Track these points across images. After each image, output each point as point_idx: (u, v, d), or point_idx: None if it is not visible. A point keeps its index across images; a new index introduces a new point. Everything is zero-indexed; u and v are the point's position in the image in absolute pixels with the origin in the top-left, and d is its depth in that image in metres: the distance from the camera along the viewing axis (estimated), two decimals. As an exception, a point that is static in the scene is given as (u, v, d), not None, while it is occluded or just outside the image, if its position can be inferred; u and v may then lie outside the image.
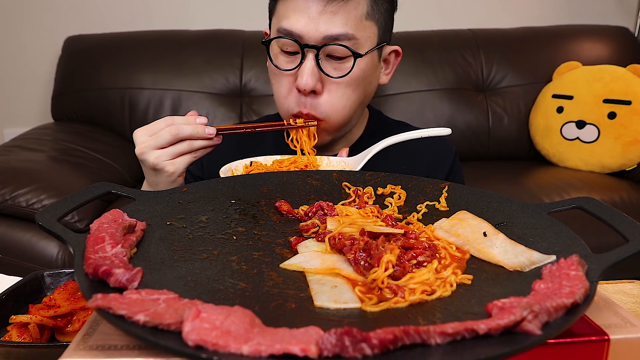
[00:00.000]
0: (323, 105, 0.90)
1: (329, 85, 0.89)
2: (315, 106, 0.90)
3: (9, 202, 1.52)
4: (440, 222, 0.59)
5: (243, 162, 0.85)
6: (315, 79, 0.87)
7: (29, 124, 2.29)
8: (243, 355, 0.34)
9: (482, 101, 2.19)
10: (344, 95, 0.90)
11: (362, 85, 0.92)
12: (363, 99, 0.95)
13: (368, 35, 0.90)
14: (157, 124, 0.82)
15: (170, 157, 0.81)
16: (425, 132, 0.83)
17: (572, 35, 2.28)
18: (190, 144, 0.81)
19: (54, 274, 0.72)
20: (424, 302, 0.44)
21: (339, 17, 0.85)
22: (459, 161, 1.09)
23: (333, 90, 0.89)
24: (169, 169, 0.81)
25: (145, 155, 0.81)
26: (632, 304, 0.64)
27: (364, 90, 0.94)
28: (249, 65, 2.14)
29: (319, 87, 0.88)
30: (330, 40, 0.86)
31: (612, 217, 0.51)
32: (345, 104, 0.91)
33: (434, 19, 2.42)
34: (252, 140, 1.10)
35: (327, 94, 0.89)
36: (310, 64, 0.87)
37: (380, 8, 0.91)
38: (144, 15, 2.38)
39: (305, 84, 0.86)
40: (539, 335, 0.36)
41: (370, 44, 0.91)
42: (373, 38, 0.91)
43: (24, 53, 2.39)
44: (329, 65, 0.88)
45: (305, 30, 0.85)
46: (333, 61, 0.88)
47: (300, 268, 0.50)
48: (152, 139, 0.81)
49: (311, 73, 0.86)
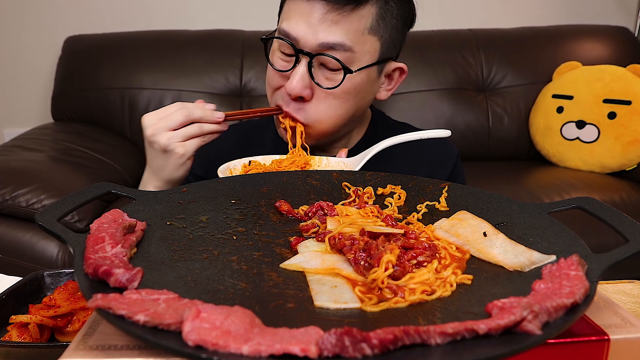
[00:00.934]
0: (307, 112, 0.89)
1: (318, 93, 0.88)
2: (298, 111, 0.89)
3: (9, 202, 1.52)
4: (440, 222, 0.59)
5: (242, 162, 0.85)
6: (304, 86, 0.86)
7: (29, 124, 2.29)
8: (243, 355, 0.34)
9: (482, 101, 2.19)
10: (331, 106, 0.89)
11: (353, 98, 0.90)
12: (354, 112, 0.93)
13: (367, 50, 0.87)
14: (167, 108, 0.83)
15: (182, 139, 0.82)
16: (425, 134, 0.83)
17: (572, 35, 2.27)
18: (200, 127, 0.83)
19: (54, 274, 0.72)
20: (424, 302, 0.44)
21: (338, 27, 0.84)
22: (461, 163, 1.08)
23: (322, 99, 0.88)
24: (179, 150, 0.82)
25: (156, 137, 0.82)
26: (632, 304, 0.64)
27: (356, 103, 0.92)
28: (249, 65, 2.14)
29: (307, 94, 0.88)
30: (325, 48, 0.84)
31: (612, 217, 0.51)
32: (332, 115, 0.90)
33: (434, 19, 2.42)
34: (252, 139, 1.10)
35: (315, 101, 0.89)
36: (301, 70, 0.86)
37: (387, 24, 0.89)
38: (144, 15, 2.38)
39: (292, 89, 0.86)
40: (539, 335, 0.36)
41: (369, 59, 0.88)
42: (373, 53, 0.89)
43: (24, 53, 2.38)
44: (321, 74, 0.87)
45: (302, 35, 0.85)
46: (325, 70, 0.87)
47: (300, 268, 0.50)
48: (163, 120, 0.82)
49: (301, 79, 0.86)
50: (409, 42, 2.30)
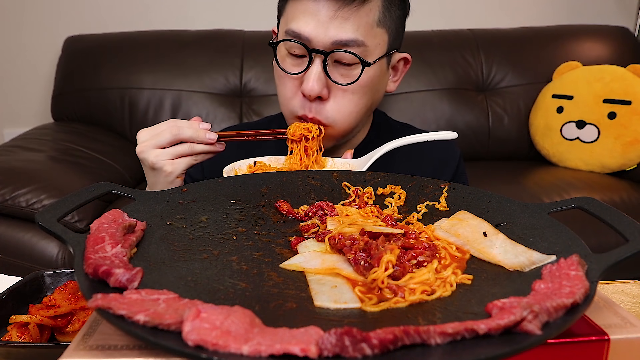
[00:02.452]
0: (329, 111, 0.88)
1: (335, 91, 0.88)
2: (320, 111, 0.88)
3: (9, 202, 1.52)
4: (440, 222, 0.59)
5: (247, 162, 0.85)
6: (322, 85, 0.85)
7: (29, 124, 2.29)
8: (243, 355, 0.34)
9: (482, 101, 2.19)
10: (351, 102, 0.89)
11: (369, 92, 0.91)
12: (370, 105, 0.94)
13: (378, 42, 0.88)
14: (159, 125, 0.82)
15: (170, 157, 0.81)
16: (431, 136, 0.82)
17: (572, 35, 2.27)
18: (191, 147, 0.81)
19: (54, 274, 0.72)
20: (424, 302, 0.44)
21: (349, 23, 0.84)
22: (464, 164, 1.08)
23: (339, 96, 0.88)
24: (167, 168, 0.81)
25: (144, 154, 0.82)
26: (632, 304, 0.64)
27: (371, 97, 0.92)
28: (249, 65, 2.14)
29: (325, 93, 0.87)
30: (339, 46, 0.84)
31: (612, 217, 0.51)
32: (352, 111, 0.90)
33: (434, 19, 2.42)
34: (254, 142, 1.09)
35: (333, 100, 0.88)
36: (317, 69, 0.85)
37: (392, 15, 0.89)
38: (144, 15, 2.38)
39: (311, 89, 0.85)
40: (539, 335, 0.36)
41: (380, 52, 0.89)
42: (383, 45, 0.89)
43: (24, 53, 2.38)
44: (336, 72, 0.87)
45: (314, 34, 0.84)
46: (341, 67, 0.87)
47: (300, 268, 0.50)
48: (153, 138, 0.81)
49: (317, 79, 0.85)
50: (409, 42, 2.31)
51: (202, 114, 2.08)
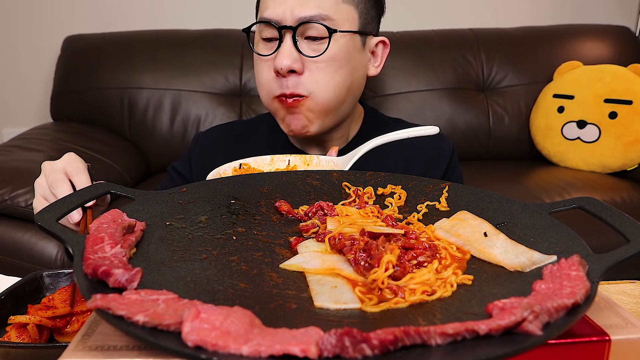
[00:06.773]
0: (305, 84, 0.90)
1: (308, 64, 0.90)
2: (297, 85, 0.90)
3: (8, 202, 1.52)
4: (441, 222, 0.59)
5: (232, 165, 0.84)
6: (293, 59, 0.88)
7: (28, 123, 2.29)
8: (243, 356, 0.34)
9: (483, 101, 2.19)
10: (326, 75, 0.91)
11: (345, 67, 0.92)
12: (350, 83, 0.94)
13: (346, 18, 0.91)
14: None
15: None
16: (412, 132, 0.83)
17: (573, 35, 2.27)
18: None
19: (53, 275, 0.71)
20: (424, 303, 0.44)
21: (313, 1, 0.88)
22: (457, 156, 1.09)
23: (314, 69, 0.90)
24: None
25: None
26: (633, 304, 0.64)
27: (349, 73, 0.93)
28: (249, 65, 2.14)
29: (298, 66, 0.89)
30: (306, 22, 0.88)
31: (612, 217, 0.51)
32: (330, 84, 0.91)
33: (435, 18, 2.42)
34: (246, 137, 1.10)
35: (308, 72, 0.90)
36: (287, 44, 0.88)
37: None
38: (143, 15, 2.38)
39: (282, 62, 0.88)
40: (540, 336, 0.36)
41: (350, 26, 0.92)
42: (352, 22, 0.92)
43: (23, 53, 2.38)
44: (307, 46, 0.90)
45: (282, 16, 0.88)
46: (311, 42, 0.90)
47: (300, 268, 0.50)
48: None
49: (288, 53, 0.88)
50: (409, 42, 2.30)
51: (201, 113, 2.08)
